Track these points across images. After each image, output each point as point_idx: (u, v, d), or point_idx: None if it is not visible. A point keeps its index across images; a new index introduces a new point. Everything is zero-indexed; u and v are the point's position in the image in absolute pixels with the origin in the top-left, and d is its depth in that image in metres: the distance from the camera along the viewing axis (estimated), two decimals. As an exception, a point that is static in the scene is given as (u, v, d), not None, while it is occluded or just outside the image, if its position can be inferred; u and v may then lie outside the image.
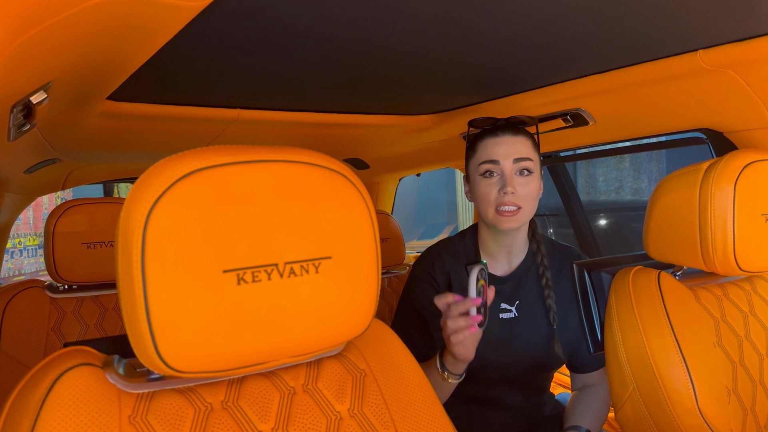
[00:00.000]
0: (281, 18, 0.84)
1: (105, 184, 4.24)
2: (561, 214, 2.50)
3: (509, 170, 1.12)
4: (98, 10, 0.58)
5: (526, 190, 1.12)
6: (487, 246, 1.25)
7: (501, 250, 1.23)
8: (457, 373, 1.07)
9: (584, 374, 1.27)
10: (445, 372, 1.06)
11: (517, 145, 1.14)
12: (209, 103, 1.40)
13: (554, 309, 1.18)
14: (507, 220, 1.12)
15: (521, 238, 1.23)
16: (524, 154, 1.13)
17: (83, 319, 1.43)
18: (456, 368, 1.06)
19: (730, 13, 0.89)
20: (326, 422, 0.68)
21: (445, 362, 1.07)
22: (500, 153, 1.13)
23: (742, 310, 1.12)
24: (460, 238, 1.29)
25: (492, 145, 1.15)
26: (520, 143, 1.14)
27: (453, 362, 1.05)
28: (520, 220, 1.13)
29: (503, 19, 0.88)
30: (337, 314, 0.62)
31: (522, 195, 1.12)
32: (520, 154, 1.13)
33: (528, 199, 1.13)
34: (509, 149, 1.13)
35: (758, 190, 1.03)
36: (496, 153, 1.13)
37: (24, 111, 0.86)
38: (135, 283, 0.52)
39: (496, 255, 1.24)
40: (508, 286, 1.23)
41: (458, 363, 1.04)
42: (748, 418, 1.03)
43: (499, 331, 1.20)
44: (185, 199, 0.53)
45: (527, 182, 1.13)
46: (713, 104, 1.20)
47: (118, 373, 0.61)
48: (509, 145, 1.13)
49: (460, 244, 1.28)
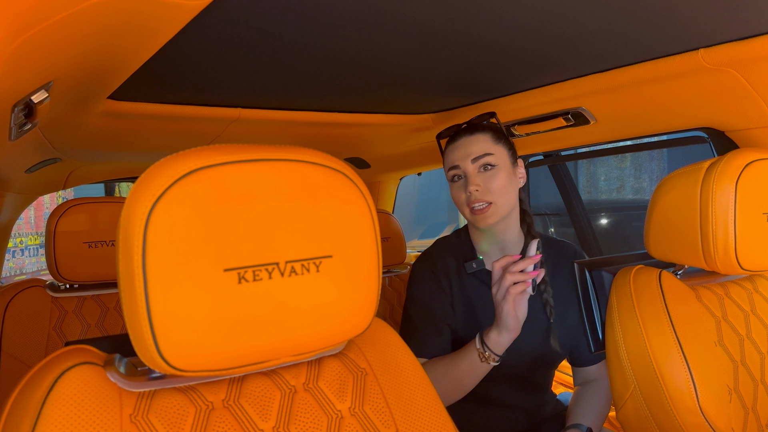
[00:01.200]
0: (282, 17, 0.84)
1: (106, 183, 4.25)
2: (562, 213, 2.50)
3: (470, 170, 1.16)
4: (99, 9, 0.58)
5: (491, 185, 1.15)
6: (479, 244, 1.27)
7: (494, 247, 1.24)
8: (499, 352, 1.07)
9: (585, 368, 1.28)
10: (487, 351, 1.07)
11: (473, 145, 1.17)
12: (210, 102, 1.40)
13: (551, 303, 1.18)
14: (481, 218, 1.15)
15: (513, 234, 1.23)
16: (481, 151, 1.16)
17: (84, 319, 1.43)
18: (499, 345, 1.06)
19: (731, 12, 0.89)
20: (327, 421, 0.68)
21: (486, 340, 1.07)
22: (458, 157, 1.18)
23: (744, 309, 1.12)
24: (456, 237, 1.31)
25: (451, 151, 1.20)
26: (476, 142, 1.17)
27: (496, 338, 1.06)
28: (495, 214, 1.15)
29: (504, 17, 0.88)
30: (338, 313, 0.62)
31: (488, 189, 1.14)
32: (477, 153, 1.16)
33: (496, 193, 1.15)
34: (465, 150, 1.17)
35: (759, 189, 1.03)
36: (455, 158, 1.19)
37: (25, 110, 0.86)
38: (136, 282, 0.52)
39: (490, 253, 1.25)
40: None
41: (502, 336, 1.05)
42: (750, 417, 1.03)
43: None
44: (186, 198, 0.53)
45: (490, 177, 1.15)
46: (714, 103, 1.20)
47: (119, 371, 0.61)
48: (465, 147, 1.18)
49: (456, 243, 1.30)
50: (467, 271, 1.22)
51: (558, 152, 2.24)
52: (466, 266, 1.22)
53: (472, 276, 1.24)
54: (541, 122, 1.54)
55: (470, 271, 1.22)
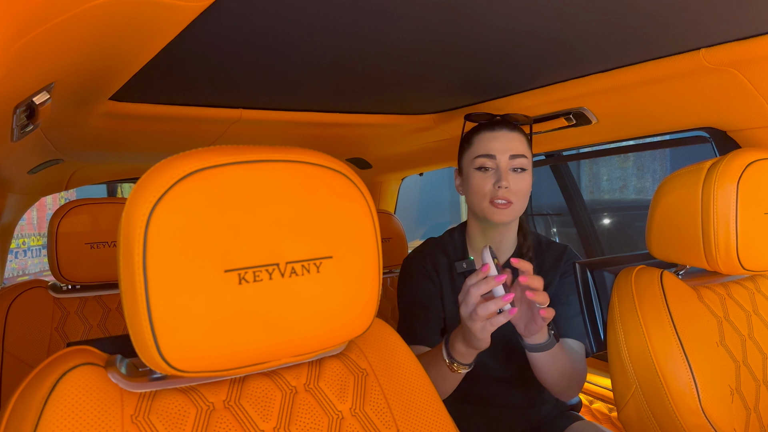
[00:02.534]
0: (283, 18, 0.84)
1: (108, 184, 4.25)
2: (564, 214, 2.49)
3: (504, 165, 1.14)
4: (100, 10, 0.59)
5: (519, 186, 1.14)
6: (475, 243, 1.25)
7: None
8: (467, 362, 1.01)
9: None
10: (454, 362, 1.01)
11: (514, 141, 1.15)
12: (212, 103, 1.40)
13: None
14: (500, 212, 1.13)
15: (510, 236, 1.23)
16: (520, 150, 1.15)
17: (86, 319, 1.43)
18: (466, 357, 1.00)
19: (733, 12, 0.89)
20: (328, 421, 0.68)
21: (452, 353, 1.00)
22: (497, 148, 1.14)
23: (746, 309, 1.12)
24: (449, 236, 1.30)
25: (489, 140, 1.16)
26: (516, 139, 1.16)
27: (464, 352, 0.98)
28: (512, 213, 1.14)
29: (506, 17, 0.88)
30: (339, 314, 0.62)
31: (515, 191, 1.13)
32: (516, 151, 1.14)
33: (520, 195, 1.14)
34: (506, 144, 1.14)
35: (761, 189, 1.03)
36: (492, 147, 1.15)
37: (27, 112, 0.86)
38: (137, 283, 0.52)
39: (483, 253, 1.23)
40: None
41: (470, 352, 0.98)
42: (752, 418, 1.03)
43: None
44: (187, 199, 0.53)
45: (521, 178, 1.14)
46: (716, 103, 1.19)
47: (120, 372, 0.61)
48: (506, 141, 1.14)
49: (448, 242, 1.29)
50: (457, 270, 1.21)
51: (560, 152, 2.24)
52: (456, 266, 1.21)
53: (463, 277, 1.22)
54: (543, 122, 1.54)
55: (460, 271, 1.20)
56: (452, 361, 1.01)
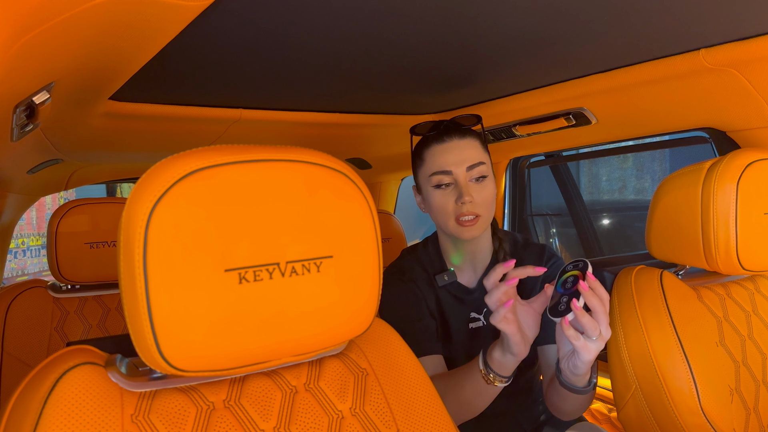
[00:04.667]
0: (283, 18, 0.84)
1: (108, 184, 4.25)
2: (564, 214, 2.50)
3: (463, 179, 1.07)
4: (100, 10, 0.59)
5: (482, 196, 1.08)
6: (449, 256, 1.20)
7: (465, 259, 1.18)
8: (506, 374, 0.93)
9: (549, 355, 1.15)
10: (491, 373, 0.93)
11: (467, 150, 1.08)
12: (211, 103, 1.40)
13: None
14: (468, 230, 1.07)
15: (485, 244, 1.18)
16: (476, 159, 1.08)
17: (86, 319, 1.43)
18: (504, 368, 0.92)
19: (733, 12, 0.89)
20: (328, 421, 0.68)
21: (490, 362, 0.93)
22: (451, 161, 1.07)
23: (745, 309, 1.12)
24: (423, 248, 1.24)
25: (441, 153, 1.08)
26: (469, 147, 1.08)
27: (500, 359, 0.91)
28: (480, 227, 1.08)
29: (505, 17, 0.88)
30: (339, 313, 0.62)
31: (479, 202, 1.07)
32: (472, 160, 1.07)
33: (485, 205, 1.08)
34: (459, 156, 1.07)
35: (761, 189, 1.03)
36: (446, 162, 1.07)
37: (27, 111, 0.86)
38: (137, 283, 0.52)
39: (460, 265, 1.19)
40: (477, 296, 1.18)
41: (507, 358, 0.91)
42: (751, 418, 1.03)
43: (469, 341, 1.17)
44: (187, 199, 0.53)
45: (483, 188, 1.08)
46: (715, 103, 1.19)
47: (120, 372, 0.61)
48: (459, 151, 1.07)
49: (424, 254, 1.22)
50: (439, 284, 1.15)
51: (559, 152, 2.24)
52: (438, 279, 1.15)
53: (444, 290, 1.18)
54: (542, 122, 1.54)
55: (442, 284, 1.15)
56: (489, 371, 0.94)
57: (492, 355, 0.93)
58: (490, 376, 0.94)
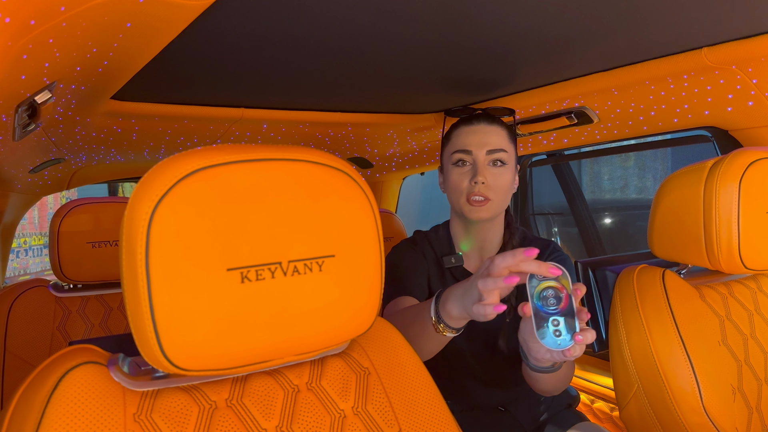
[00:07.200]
0: (285, 17, 0.84)
1: (110, 183, 4.26)
2: (566, 213, 2.49)
3: (482, 160, 1.11)
4: (102, 9, 0.59)
5: (497, 182, 1.11)
6: (459, 240, 1.23)
7: (474, 246, 1.21)
8: (457, 327, 0.87)
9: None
10: (441, 323, 0.87)
11: (491, 135, 1.12)
12: (213, 102, 1.40)
13: (512, 303, 1.13)
14: (476, 210, 1.11)
15: (495, 234, 1.20)
16: (498, 145, 1.12)
17: (88, 318, 1.44)
18: (455, 321, 0.86)
19: (735, 11, 0.89)
20: (330, 420, 0.68)
21: (442, 314, 0.87)
22: (473, 142, 1.12)
23: (747, 308, 1.12)
24: (434, 233, 1.28)
25: (465, 134, 1.14)
26: (494, 133, 1.13)
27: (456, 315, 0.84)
28: (489, 210, 1.11)
29: (507, 16, 0.88)
30: (341, 313, 0.62)
31: (493, 186, 1.11)
32: (494, 145, 1.11)
33: (499, 191, 1.12)
34: (482, 139, 1.12)
35: (763, 188, 1.02)
36: (469, 142, 1.12)
37: (29, 111, 0.86)
38: (139, 282, 0.52)
39: (468, 252, 1.21)
40: None
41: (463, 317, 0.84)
42: (753, 417, 1.03)
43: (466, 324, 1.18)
44: (189, 198, 0.53)
45: (500, 173, 1.12)
46: (718, 102, 1.19)
47: (122, 371, 0.61)
48: (483, 135, 1.12)
49: (434, 238, 1.26)
50: (445, 265, 1.18)
51: (561, 151, 2.24)
52: (445, 260, 1.18)
53: (449, 273, 1.20)
54: (544, 121, 1.54)
55: (448, 266, 1.18)
56: (439, 321, 0.88)
57: (446, 307, 0.86)
58: (440, 326, 0.88)
